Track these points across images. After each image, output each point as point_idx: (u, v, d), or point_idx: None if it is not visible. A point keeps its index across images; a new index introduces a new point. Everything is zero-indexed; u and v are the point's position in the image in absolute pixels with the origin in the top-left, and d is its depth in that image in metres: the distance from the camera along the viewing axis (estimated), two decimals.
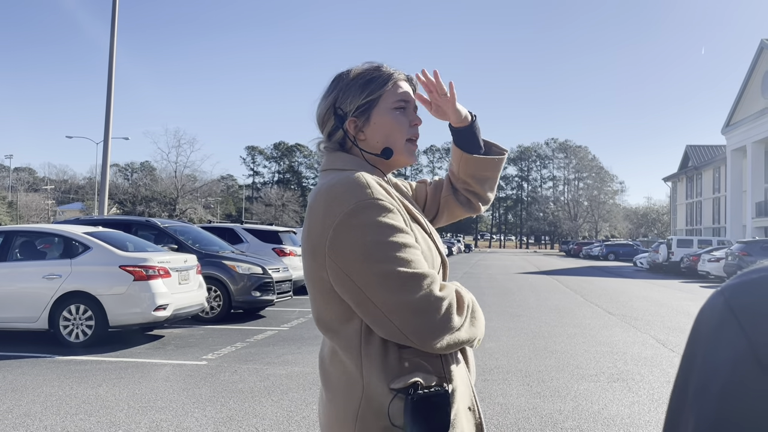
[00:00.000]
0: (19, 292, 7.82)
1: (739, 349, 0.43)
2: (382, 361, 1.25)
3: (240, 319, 10.20)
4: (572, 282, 20.92)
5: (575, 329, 9.57)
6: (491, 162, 1.59)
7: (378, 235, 1.23)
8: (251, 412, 4.92)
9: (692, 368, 0.47)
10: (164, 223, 11.17)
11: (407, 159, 1.46)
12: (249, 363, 6.75)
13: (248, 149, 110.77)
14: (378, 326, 1.24)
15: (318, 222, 1.28)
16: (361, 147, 1.42)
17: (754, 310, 0.44)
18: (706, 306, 0.48)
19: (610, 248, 49.18)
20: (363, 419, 1.25)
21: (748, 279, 0.47)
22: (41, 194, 75.87)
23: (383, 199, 1.27)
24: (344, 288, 1.25)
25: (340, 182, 1.29)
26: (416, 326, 1.21)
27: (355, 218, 1.24)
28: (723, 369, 0.43)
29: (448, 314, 1.23)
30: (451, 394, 1.28)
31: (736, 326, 0.44)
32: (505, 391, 5.62)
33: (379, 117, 1.41)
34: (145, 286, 7.71)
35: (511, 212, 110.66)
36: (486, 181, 1.62)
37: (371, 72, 1.44)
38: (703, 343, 0.46)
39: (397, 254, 1.23)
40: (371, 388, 1.24)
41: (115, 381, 5.90)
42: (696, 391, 0.45)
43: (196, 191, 60.09)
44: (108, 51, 18.43)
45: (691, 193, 53.10)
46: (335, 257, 1.25)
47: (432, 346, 1.23)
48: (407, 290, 1.21)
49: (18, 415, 4.81)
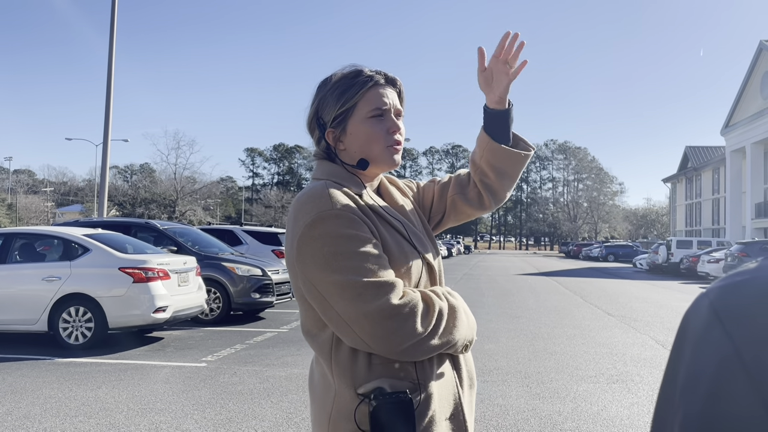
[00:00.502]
0: (18, 295, 7.82)
1: (724, 352, 0.43)
2: (350, 366, 1.28)
3: (239, 320, 10.19)
4: (572, 283, 20.93)
5: (575, 330, 9.57)
6: (516, 156, 1.53)
7: (336, 246, 1.25)
8: (251, 413, 4.92)
9: (679, 369, 0.47)
10: (164, 225, 11.17)
11: (386, 166, 1.44)
12: (248, 365, 6.75)
13: (247, 151, 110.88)
14: (342, 334, 1.27)
15: (289, 234, 1.34)
16: (340, 158, 1.43)
17: (738, 313, 0.44)
18: (692, 308, 0.49)
19: (609, 249, 49.17)
20: (334, 422, 1.29)
21: (732, 282, 0.47)
22: (41, 196, 75.87)
23: (344, 210, 1.28)
24: (311, 297, 1.30)
25: (306, 194, 1.33)
26: (375, 334, 1.22)
27: (315, 229, 1.27)
28: (709, 371, 0.44)
29: (409, 321, 1.23)
30: (423, 402, 1.27)
31: (720, 329, 0.44)
32: (505, 393, 5.63)
33: (355, 127, 1.40)
34: (144, 288, 7.71)
35: (511, 214, 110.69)
36: (505, 176, 1.55)
37: (348, 79, 1.41)
38: (689, 346, 0.47)
39: (355, 264, 1.24)
40: (341, 393, 1.28)
41: (115, 383, 5.90)
42: (683, 393, 0.45)
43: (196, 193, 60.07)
44: (107, 53, 18.44)
45: (691, 194, 53.14)
46: (301, 267, 1.29)
47: (395, 353, 1.24)
48: (364, 299, 1.22)
49: (17, 417, 4.81)
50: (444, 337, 1.29)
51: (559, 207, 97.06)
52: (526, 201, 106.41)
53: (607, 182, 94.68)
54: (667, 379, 0.49)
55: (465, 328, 1.36)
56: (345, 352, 1.29)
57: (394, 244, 1.34)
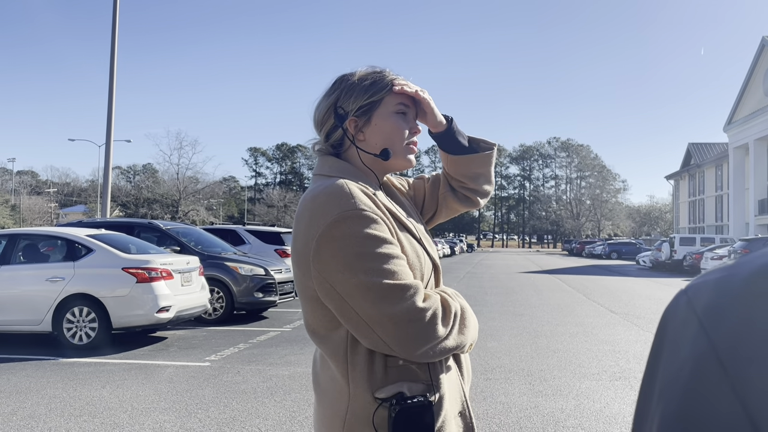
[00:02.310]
0: (22, 295, 7.85)
1: (701, 348, 0.44)
2: (367, 370, 1.26)
3: (243, 320, 10.22)
4: (574, 281, 20.92)
5: (577, 328, 9.57)
6: (478, 158, 1.57)
7: (360, 247, 1.23)
8: (254, 412, 4.94)
9: (658, 365, 0.48)
10: (167, 225, 11.20)
11: (405, 163, 1.46)
12: (252, 364, 6.77)
13: (250, 151, 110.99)
14: (362, 336, 1.24)
15: (302, 232, 1.29)
16: (359, 147, 1.42)
17: (715, 310, 0.45)
18: (671, 305, 0.50)
19: (612, 247, 49.13)
20: (350, 427, 1.27)
21: (710, 279, 0.48)
22: (44, 197, 76.06)
23: (367, 209, 1.26)
24: (329, 298, 1.26)
25: (324, 191, 1.29)
26: (399, 337, 1.21)
27: (338, 229, 1.23)
28: (686, 367, 0.44)
29: (432, 324, 1.24)
30: (437, 403, 1.29)
31: (697, 326, 0.45)
32: (507, 390, 5.64)
33: (380, 119, 1.41)
34: (147, 288, 7.73)
35: (514, 212, 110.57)
36: (478, 177, 1.59)
37: (375, 75, 1.43)
38: (668, 342, 0.48)
39: (380, 265, 1.22)
40: (357, 397, 1.26)
41: (119, 383, 5.92)
42: (662, 388, 0.46)
43: (199, 193, 60.21)
44: (109, 54, 18.48)
45: (694, 191, 53.04)
46: (319, 268, 1.25)
47: (416, 356, 1.24)
48: (389, 302, 1.21)
49: (22, 416, 4.84)
50: (458, 338, 1.30)
51: (562, 205, 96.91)
52: (528, 199, 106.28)
53: (609, 180, 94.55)
54: (647, 376, 0.50)
55: (473, 328, 1.37)
56: (362, 355, 1.27)
57: (408, 245, 1.34)
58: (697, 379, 0.43)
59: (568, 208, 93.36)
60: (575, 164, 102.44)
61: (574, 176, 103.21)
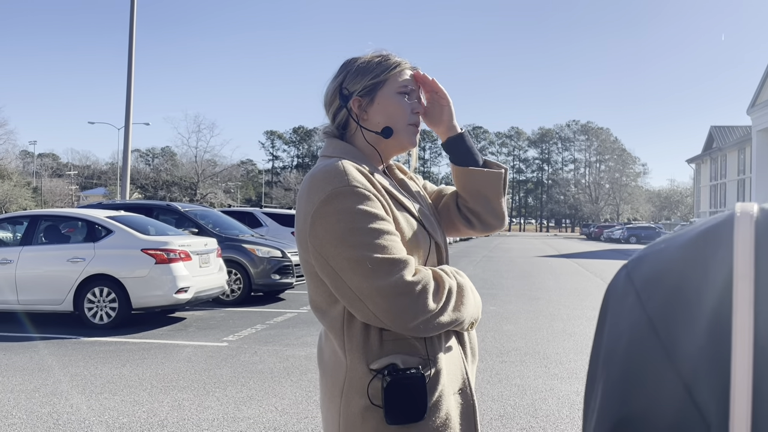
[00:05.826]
0: (44, 276, 7.99)
1: (637, 317, 0.47)
2: (363, 342, 1.31)
3: (260, 301, 10.32)
4: (592, 265, 20.79)
5: (594, 312, 9.53)
6: (482, 175, 1.53)
7: (351, 222, 1.26)
8: (271, 392, 5.00)
9: (602, 337, 0.51)
10: (185, 208, 11.29)
11: (408, 141, 1.48)
12: (269, 344, 6.84)
13: (267, 134, 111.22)
14: (354, 310, 1.28)
15: (302, 210, 1.34)
16: (363, 125, 1.45)
17: (649, 280, 0.48)
18: (613, 280, 0.52)
19: (631, 231, 48.62)
20: (347, 396, 1.31)
21: (647, 252, 0.51)
22: (65, 180, 76.99)
23: (359, 186, 1.30)
24: (324, 272, 1.30)
25: (321, 170, 1.33)
26: (388, 310, 1.24)
27: (331, 205, 1.28)
28: (625, 335, 0.47)
29: (422, 298, 1.25)
30: (433, 377, 1.31)
31: (634, 296, 0.48)
32: (523, 373, 5.64)
33: (383, 99, 1.44)
34: (166, 269, 7.82)
35: (532, 195, 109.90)
36: (480, 197, 1.55)
37: (381, 57, 1.48)
38: (609, 313, 0.51)
39: (370, 240, 1.25)
40: (354, 369, 1.31)
41: (139, 361, 6.02)
42: (605, 357, 0.49)
43: (216, 176, 60.57)
44: (128, 37, 18.55)
45: (716, 175, 52.25)
46: (315, 243, 1.30)
47: (407, 329, 1.26)
48: (378, 275, 1.23)
49: (45, 393, 4.95)
50: (453, 314, 1.32)
51: (581, 188, 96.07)
52: (547, 182, 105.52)
53: (629, 163, 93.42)
54: (593, 350, 0.52)
55: (472, 306, 1.39)
56: (357, 328, 1.31)
57: (405, 223, 1.37)
58: (633, 346, 0.47)
59: (586, 192, 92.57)
60: (595, 147, 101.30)
61: (594, 160, 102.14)
